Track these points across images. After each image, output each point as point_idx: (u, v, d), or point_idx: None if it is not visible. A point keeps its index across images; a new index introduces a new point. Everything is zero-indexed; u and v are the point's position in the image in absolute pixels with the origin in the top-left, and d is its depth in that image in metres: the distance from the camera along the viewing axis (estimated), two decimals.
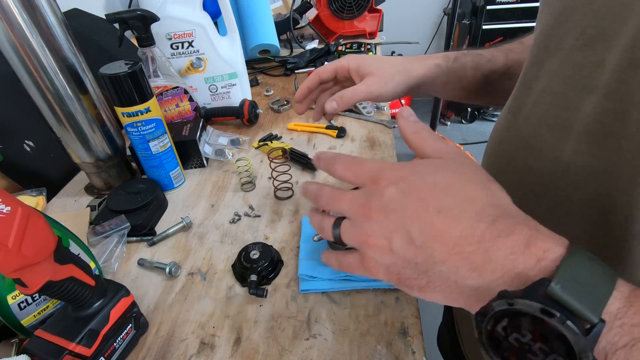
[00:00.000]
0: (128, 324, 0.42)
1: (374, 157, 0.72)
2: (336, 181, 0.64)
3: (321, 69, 0.46)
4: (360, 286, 0.48)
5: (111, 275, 0.54)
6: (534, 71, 0.32)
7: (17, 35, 0.51)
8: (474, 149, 2.29)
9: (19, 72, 0.54)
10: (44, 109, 0.58)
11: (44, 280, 0.33)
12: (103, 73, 0.55)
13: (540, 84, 0.31)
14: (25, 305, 0.42)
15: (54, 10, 0.54)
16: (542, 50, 0.31)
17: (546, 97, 0.30)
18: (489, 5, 2.18)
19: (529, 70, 0.33)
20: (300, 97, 0.48)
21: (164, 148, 0.64)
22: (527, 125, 0.32)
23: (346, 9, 1.22)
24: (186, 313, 0.48)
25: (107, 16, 0.69)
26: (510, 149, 0.34)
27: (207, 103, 0.91)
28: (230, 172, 0.72)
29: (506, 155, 0.35)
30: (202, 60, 0.84)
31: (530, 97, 0.32)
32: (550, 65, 0.30)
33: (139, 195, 0.62)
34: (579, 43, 0.27)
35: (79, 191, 0.71)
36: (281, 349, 0.43)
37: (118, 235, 0.56)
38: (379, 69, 0.44)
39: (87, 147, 0.63)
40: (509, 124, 0.35)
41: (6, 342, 0.45)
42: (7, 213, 0.30)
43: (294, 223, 0.60)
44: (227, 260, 0.54)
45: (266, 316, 0.46)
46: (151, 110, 0.60)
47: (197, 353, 0.43)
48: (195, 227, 0.60)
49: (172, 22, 0.79)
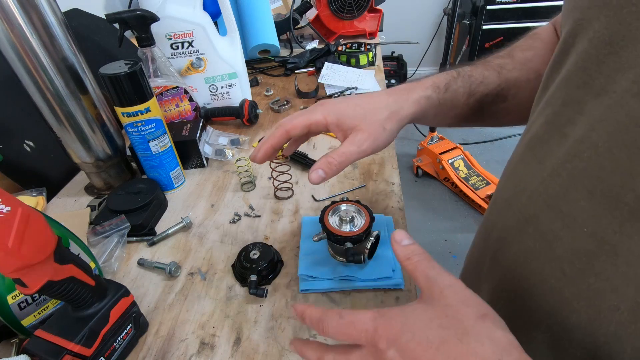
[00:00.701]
0: (128, 324, 0.42)
1: (374, 157, 0.72)
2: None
3: (289, 123, 0.38)
4: (360, 286, 0.48)
5: (111, 275, 0.54)
6: (569, 114, 0.25)
7: (17, 35, 0.51)
8: (474, 148, 2.28)
9: (19, 72, 0.54)
10: (44, 109, 0.58)
11: (44, 280, 0.33)
12: (103, 73, 0.55)
13: (577, 131, 0.24)
14: (25, 305, 0.42)
15: (54, 10, 0.54)
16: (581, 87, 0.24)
17: (585, 151, 0.23)
18: (489, 5, 2.18)
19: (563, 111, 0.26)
20: (262, 158, 0.40)
21: (164, 148, 0.64)
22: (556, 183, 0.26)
23: (346, 9, 1.22)
24: (186, 313, 0.48)
25: (107, 16, 0.69)
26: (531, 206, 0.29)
27: (207, 103, 0.91)
28: (230, 172, 0.72)
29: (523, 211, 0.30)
30: (202, 60, 0.84)
31: (562, 146, 0.25)
32: (593, 111, 0.23)
33: (139, 195, 0.62)
34: (636, 87, 0.21)
35: (79, 191, 0.71)
36: (281, 349, 0.43)
37: (118, 235, 0.56)
38: (365, 122, 0.37)
39: (87, 147, 0.63)
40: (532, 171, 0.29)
41: (6, 342, 0.45)
42: (7, 213, 0.30)
43: (294, 223, 0.60)
44: (227, 260, 0.54)
45: (266, 316, 0.46)
46: (151, 110, 0.60)
47: (197, 353, 0.43)
48: (195, 227, 0.60)
49: (172, 22, 0.79)
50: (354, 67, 1.04)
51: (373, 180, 0.67)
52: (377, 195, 0.63)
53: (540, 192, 0.27)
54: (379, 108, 0.38)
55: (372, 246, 0.47)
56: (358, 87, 0.94)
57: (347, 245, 0.46)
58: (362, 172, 0.69)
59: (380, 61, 1.14)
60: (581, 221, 0.24)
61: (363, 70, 1.01)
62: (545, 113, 0.29)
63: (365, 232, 0.47)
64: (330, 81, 0.97)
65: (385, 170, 0.69)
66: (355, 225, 0.48)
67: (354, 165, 0.70)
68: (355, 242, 0.46)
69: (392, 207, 0.61)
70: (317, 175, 0.36)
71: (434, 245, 1.75)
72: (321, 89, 0.98)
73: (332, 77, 0.98)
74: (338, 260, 0.50)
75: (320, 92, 0.97)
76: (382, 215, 0.57)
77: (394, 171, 0.68)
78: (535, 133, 0.30)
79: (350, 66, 1.04)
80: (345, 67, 1.02)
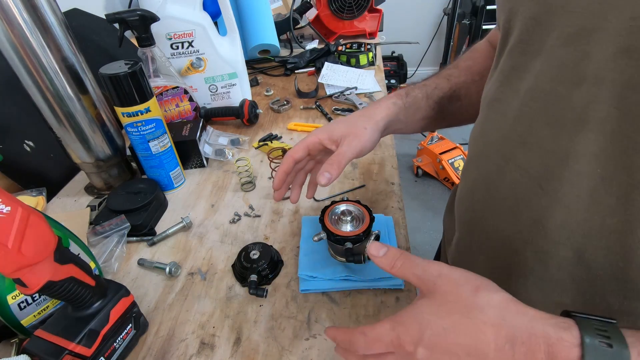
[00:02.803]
0: (128, 324, 0.42)
1: (374, 157, 0.72)
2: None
3: (292, 150, 0.47)
4: (360, 286, 0.48)
5: (111, 275, 0.54)
6: (518, 73, 0.34)
7: (17, 35, 0.51)
8: None
9: (19, 72, 0.54)
10: (44, 109, 0.58)
11: (44, 280, 0.33)
12: (103, 73, 0.55)
13: (526, 84, 0.33)
14: (25, 305, 0.42)
15: (54, 10, 0.54)
16: (522, 53, 0.33)
17: (535, 95, 0.32)
18: (489, 5, 2.18)
19: (512, 73, 0.34)
20: (280, 183, 0.47)
21: (164, 148, 0.64)
22: (520, 124, 0.33)
23: (346, 9, 1.22)
24: (186, 313, 0.48)
25: (107, 16, 0.69)
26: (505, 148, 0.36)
27: (207, 103, 0.91)
28: (230, 172, 0.72)
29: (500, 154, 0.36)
30: (202, 60, 0.84)
31: (517, 99, 0.34)
32: (534, 66, 0.32)
33: (139, 195, 0.62)
34: (559, 42, 0.29)
35: (79, 191, 0.71)
36: (281, 349, 0.43)
37: (118, 235, 0.56)
38: (349, 129, 0.45)
39: (87, 147, 0.63)
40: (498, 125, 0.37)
41: (6, 342, 0.45)
42: (7, 213, 0.30)
43: (294, 223, 0.60)
44: (227, 260, 0.54)
45: (266, 316, 0.46)
46: (151, 110, 0.60)
47: (197, 353, 0.43)
48: (195, 227, 0.60)
49: (172, 22, 0.79)
50: (354, 67, 1.04)
51: (373, 180, 0.67)
52: (377, 195, 0.63)
53: (510, 135, 0.35)
54: (357, 119, 0.47)
55: None
56: (358, 87, 0.94)
57: (347, 245, 0.46)
58: (362, 172, 0.69)
59: (380, 61, 1.14)
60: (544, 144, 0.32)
61: (363, 70, 1.01)
62: (498, 80, 0.37)
63: (365, 232, 0.47)
64: (330, 81, 0.97)
65: (385, 170, 0.69)
66: (355, 225, 0.48)
67: (354, 166, 0.70)
68: (355, 242, 0.46)
69: (392, 207, 0.61)
70: (324, 177, 0.41)
71: (433, 245, 1.75)
72: (321, 89, 0.98)
73: (332, 77, 0.98)
74: (338, 260, 0.51)
75: (320, 92, 0.97)
76: (382, 215, 0.57)
77: (394, 171, 0.68)
78: (492, 96, 0.38)
79: (350, 66, 1.04)
80: (345, 67, 1.02)
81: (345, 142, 0.44)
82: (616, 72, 0.26)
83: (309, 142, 0.46)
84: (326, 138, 0.46)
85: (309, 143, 0.46)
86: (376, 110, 0.48)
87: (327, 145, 0.46)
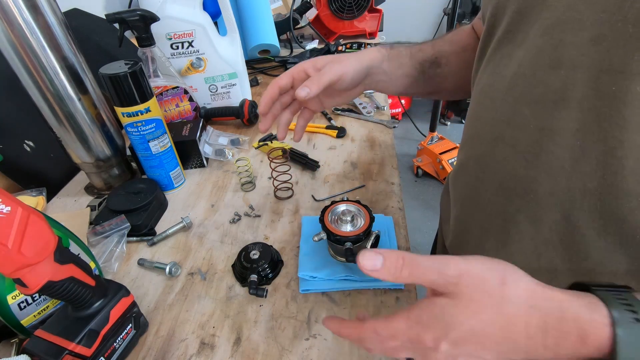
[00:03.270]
0: (128, 324, 0.42)
1: (374, 157, 0.72)
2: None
3: (277, 78, 0.49)
4: (360, 286, 0.48)
5: (111, 275, 0.54)
6: (504, 61, 0.37)
7: (17, 35, 0.51)
8: None
9: (19, 72, 0.54)
10: (44, 109, 0.58)
11: (44, 280, 0.33)
12: (103, 73, 0.55)
13: (511, 70, 0.36)
14: (25, 305, 0.42)
15: (54, 10, 0.54)
16: (508, 43, 0.37)
17: (519, 80, 0.35)
18: None
19: (500, 61, 0.38)
20: (266, 107, 0.49)
21: (164, 148, 0.64)
22: (507, 106, 0.37)
23: (346, 9, 1.22)
24: (186, 313, 0.48)
25: (107, 16, 0.69)
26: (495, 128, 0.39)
27: (207, 103, 0.91)
28: (230, 172, 0.72)
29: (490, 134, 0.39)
30: (202, 60, 0.84)
31: (504, 83, 0.37)
32: (517, 54, 0.35)
33: (139, 195, 0.62)
34: (539, 32, 0.33)
35: (79, 191, 0.71)
36: (281, 349, 0.43)
37: (118, 235, 0.56)
38: (332, 59, 0.49)
39: (87, 147, 0.63)
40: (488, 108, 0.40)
41: (6, 342, 0.45)
42: (7, 213, 0.30)
43: (294, 223, 0.60)
44: (227, 260, 0.54)
45: (266, 316, 0.46)
46: (151, 110, 0.60)
47: (197, 353, 0.43)
48: (195, 227, 0.60)
49: (172, 22, 0.79)
50: None
51: (373, 180, 0.67)
52: (377, 195, 0.63)
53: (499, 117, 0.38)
54: (343, 56, 0.50)
55: (372, 246, 0.47)
56: None
57: (347, 245, 0.46)
58: (362, 172, 0.69)
59: None
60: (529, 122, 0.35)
61: None
62: (488, 67, 0.40)
63: (365, 232, 0.47)
64: None
65: (385, 170, 0.69)
66: (355, 225, 0.48)
67: (354, 165, 0.70)
68: (355, 242, 0.46)
69: (392, 207, 0.61)
70: (303, 91, 0.44)
71: None
72: None
73: None
74: (338, 260, 0.51)
75: None
76: (382, 215, 0.58)
77: (394, 171, 0.68)
78: (483, 82, 0.41)
79: None
80: None
81: (327, 67, 0.47)
82: (589, 57, 0.29)
83: (294, 70, 0.49)
84: (310, 67, 0.49)
85: (294, 71, 0.49)
86: (361, 54, 0.51)
87: (310, 73, 0.48)
